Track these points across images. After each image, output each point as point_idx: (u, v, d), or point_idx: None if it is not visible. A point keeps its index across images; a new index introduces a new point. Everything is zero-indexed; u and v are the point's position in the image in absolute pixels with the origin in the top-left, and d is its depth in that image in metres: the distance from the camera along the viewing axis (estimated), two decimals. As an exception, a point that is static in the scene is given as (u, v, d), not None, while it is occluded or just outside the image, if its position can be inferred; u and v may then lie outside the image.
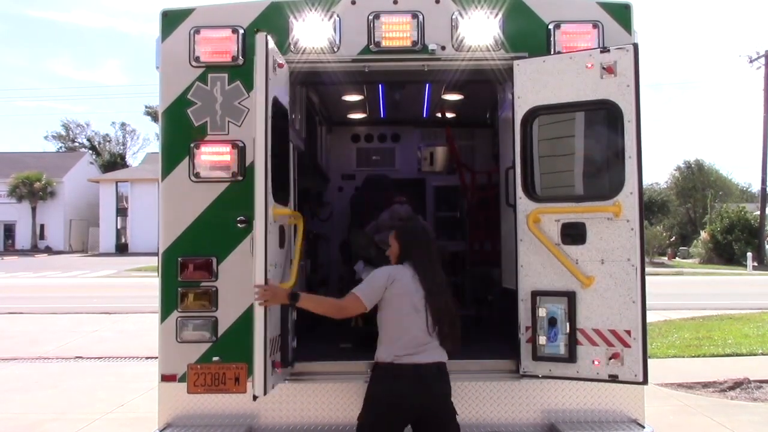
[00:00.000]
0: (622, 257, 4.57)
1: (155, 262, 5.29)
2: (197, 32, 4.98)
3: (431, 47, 5.02)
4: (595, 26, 4.97)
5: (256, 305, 4.15)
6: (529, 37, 5.03)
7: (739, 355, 10.87)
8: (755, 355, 10.90)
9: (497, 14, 5.00)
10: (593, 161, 4.98)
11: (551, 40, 4.99)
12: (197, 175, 4.95)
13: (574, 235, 4.71)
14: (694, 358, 10.73)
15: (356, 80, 5.94)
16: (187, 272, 4.90)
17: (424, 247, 4.27)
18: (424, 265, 4.17)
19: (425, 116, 9.34)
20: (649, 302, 4.67)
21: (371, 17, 5.02)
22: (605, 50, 4.66)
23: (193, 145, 4.95)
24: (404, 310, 4.06)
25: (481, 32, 5.01)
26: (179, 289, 4.90)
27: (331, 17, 5.01)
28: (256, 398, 4.25)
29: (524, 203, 4.87)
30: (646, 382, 4.56)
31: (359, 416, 4.14)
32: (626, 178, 4.55)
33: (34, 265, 38.54)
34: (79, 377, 9.67)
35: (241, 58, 4.98)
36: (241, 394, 4.88)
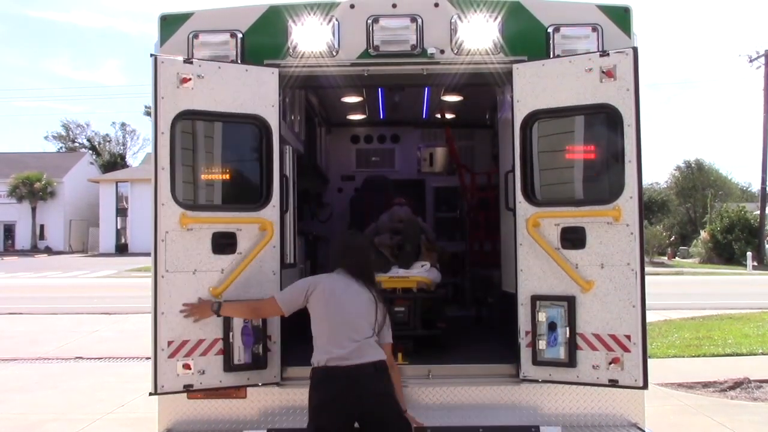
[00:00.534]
0: (621, 262, 4.55)
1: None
2: (196, 36, 4.96)
3: (430, 51, 5.00)
4: (594, 29, 4.94)
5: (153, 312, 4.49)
6: (528, 40, 5.01)
7: (739, 354, 10.87)
8: (755, 354, 10.90)
9: (496, 17, 4.98)
10: (593, 165, 4.97)
11: (550, 43, 4.96)
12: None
13: (573, 239, 4.69)
14: (694, 357, 10.73)
15: (355, 84, 5.92)
16: None
17: (356, 255, 4.42)
18: (354, 271, 4.32)
19: (425, 117, 9.35)
20: (648, 302, 4.66)
21: (370, 21, 5.00)
22: (605, 54, 4.65)
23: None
24: (331, 315, 4.15)
25: (480, 36, 4.99)
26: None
27: (330, 21, 4.99)
28: (151, 394, 4.57)
29: (524, 207, 4.85)
30: (646, 386, 4.55)
31: (307, 425, 4.16)
32: (626, 182, 4.53)
33: (34, 265, 38.52)
34: (79, 377, 9.67)
35: (239, 61, 4.96)
36: (241, 399, 4.88)
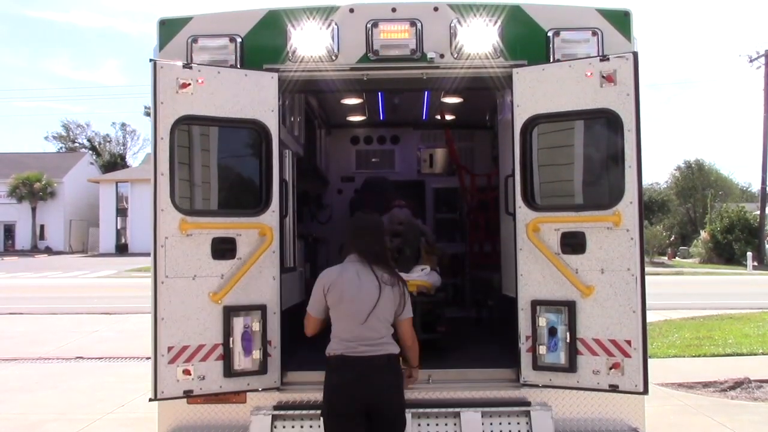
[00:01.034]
0: (622, 267, 4.55)
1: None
2: (195, 41, 4.95)
3: (430, 55, 4.99)
4: (594, 33, 4.93)
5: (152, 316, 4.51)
6: (528, 44, 5.00)
7: (739, 354, 10.89)
8: (756, 354, 10.91)
9: (496, 22, 4.98)
10: (593, 170, 4.97)
11: (550, 47, 4.96)
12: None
13: (573, 244, 4.69)
14: (694, 357, 10.74)
15: (355, 89, 5.92)
16: None
17: (366, 237, 4.30)
18: (365, 255, 4.23)
19: (425, 118, 9.34)
20: (649, 302, 4.67)
21: (369, 25, 4.99)
22: (605, 58, 4.64)
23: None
24: (345, 308, 4.15)
25: (480, 40, 4.98)
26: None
27: (329, 25, 4.98)
28: (151, 400, 4.58)
29: (524, 212, 4.85)
30: (646, 392, 4.54)
31: (321, 404, 4.23)
32: (626, 187, 4.53)
33: (34, 265, 38.54)
34: (79, 377, 9.67)
35: (239, 66, 4.95)
36: (241, 404, 4.87)
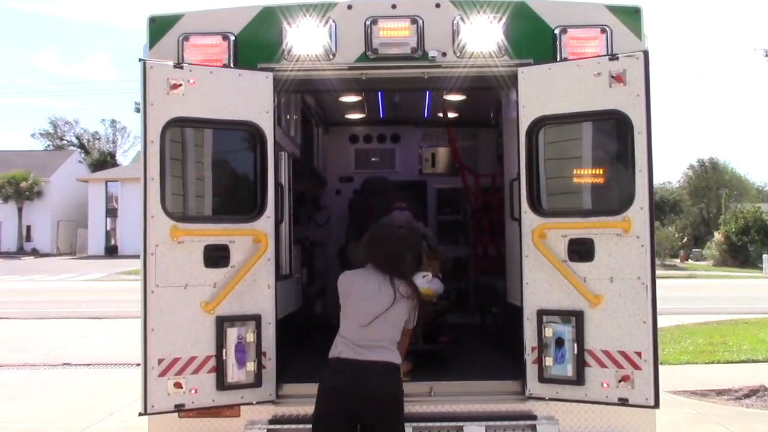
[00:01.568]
0: (632, 275, 4.54)
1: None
2: (186, 39, 4.94)
3: (431, 54, 4.98)
4: (603, 31, 4.92)
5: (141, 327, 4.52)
6: (534, 42, 4.99)
7: (755, 361, 10.89)
8: (772, 361, 10.90)
9: (501, 19, 4.96)
10: (602, 174, 4.96)
11: (557, 45, 4.95)
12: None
13: (581, 251, 4.68)
14: (707, 364, 10.74)
15: (353, 88, 5.91)
16: None
17: (378, 247, 4.43)
18: (378, 264, 4.35)
19: (426, 116, 9.30)
20: (660, 306, 4.67)
21: (368, 23, 4.98)
22: (614, 58, 4.63)
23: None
24: (348, 311, 4.24)
25: (483, 38, 4.97)
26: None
27: (326, 23, 4.97)
28: (141, 414, 4.56)
29: (529, 218, 4.84)
30: (657, 405, 4.53)
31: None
32: (636, 192, 4.52)
33: (20, 268, 38.56)
34: (67, 384, 9.68)
35: (232, 65, 4.95)
36: (234, 418, 4.86)
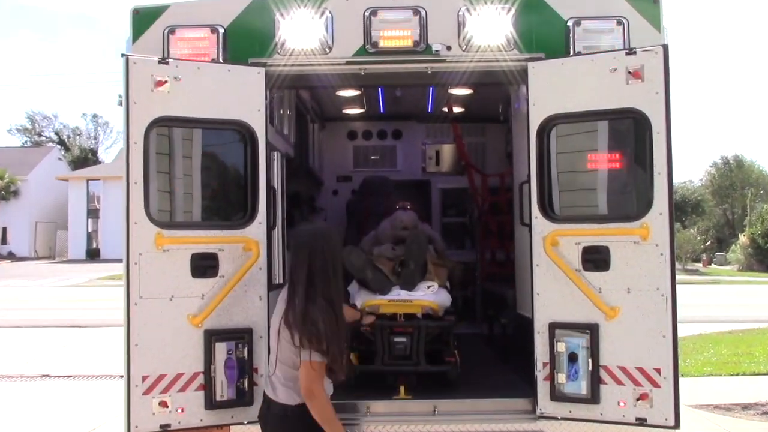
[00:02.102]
0: (650, 286, 4.53)
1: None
2: (172, 32, 4.95)
3: (435, 47, 4.98)
4: (619, 23, 4.92)
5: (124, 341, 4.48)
6: (545, 35, 4.99)
7: (783, 372, 10.85)
8: (801, 372, 10.87)
9: (510, 10, 4.96)
10: (618, 178, 4.95)
11: (570, 38, 4.95)
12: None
13: (596, 260, 4.68)
14: (732, 376, 10.71)
15: (351, 84, 5.91)
16: None
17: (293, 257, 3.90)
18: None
19: (430, 111, 9.28)
20: (681, 314, 4.66)
21: (367, 14, 4.99)
22: (631, 52, 4.62)
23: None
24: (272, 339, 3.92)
25: (491, 30, 4.96)
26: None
27: (322, 14, 4.98)
28: None
29: (540, 224, 4.83)
30: (678, 426, 4.53)
31: None
32: (655, 196, 4.51)
33: (-5, 273, 38.55)
34: (46, 397, 9.66)
35: (221, 60, 4.94)
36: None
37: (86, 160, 69.41)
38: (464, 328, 7.82)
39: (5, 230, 56.00)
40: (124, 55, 4.63)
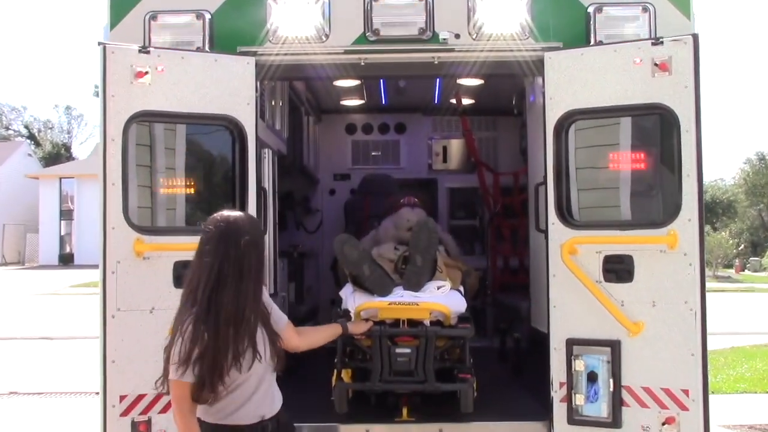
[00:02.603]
0: (677, 299, 4.54)
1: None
2: (153, 18, 4.97)
3: (443, 36, 5.00)
4: (645, 10, 4.94)
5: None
6: (564, 23, 5.01)
7: (825, 390, 10.83)
8: None
9: None
10: (643, 180, 4.96)
11: (591, 26, 4.95)
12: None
13: (619, 270, 4.69)
14: (768, 393, 10.69)
15: (350, 75, 5.92)
16: None
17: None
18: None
19: (437, 103, 9.28)
20: (712, 325, 4.68)
21: (368, -1, 5.01)
22: (658, 42, 4.64)
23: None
24: None
25: (504, 17, 4.98)
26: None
27: (318, -1, 4.99)
28: None
29: (558, 230, 4.84)
30: (707, 452, 4.54)
31: None
32: (683, 201, 4.52)
33: (-41, 279, 38.60)
34: (13, 417, 9.65)
35: (207, 49, 4.95)
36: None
37: (59, 156, 69.38)
38: (473, 341, 7.83)
39: (-31, 232, 56.10)
40: (100, 43, 4.64)
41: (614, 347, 4.65)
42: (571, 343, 4.77)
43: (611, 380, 4.65)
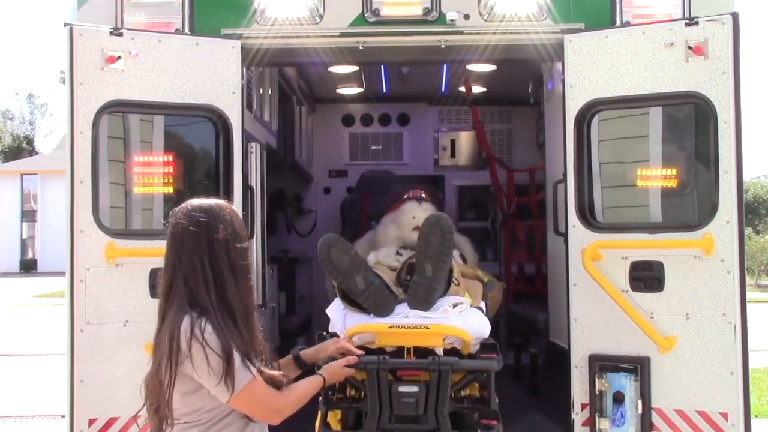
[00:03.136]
0: (714, 311, 4.55)
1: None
2: (127, -4, 4.99)
3: (450, 16, 5.02)
4: (678, -15, 4.96)
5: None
6: (586, 2, 5.03)
7: None
8: None
9: None
10: (675, 177, 4.95)
11: (617, 5, 4.98)
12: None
13: (648, 278, 4.70)
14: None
15: (346, 60, 5.93)
16: None
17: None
18: None
19: (444, 91, 9.32)
20: (754, 341, 4.70)
21: (368, -25, 5.04)
22: (692, 22, 4.65)
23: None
24: None
25: (519, -4, 5.00)
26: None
27: (311, -25, 5.02)
28: None
29: (579, 233, 4.86)
30: (749, 485, 4.55)
31: None
32: (721, 200, 4.53)
33: None
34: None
35: (187, 32, 4.98)
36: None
37: (20, 149, 69.52)
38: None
39: None
40: (67, 24, 4.65)
41: (643, 365, 4.65)
42: (594, 359, 4.78)
43: (640, 402, 4.65)
